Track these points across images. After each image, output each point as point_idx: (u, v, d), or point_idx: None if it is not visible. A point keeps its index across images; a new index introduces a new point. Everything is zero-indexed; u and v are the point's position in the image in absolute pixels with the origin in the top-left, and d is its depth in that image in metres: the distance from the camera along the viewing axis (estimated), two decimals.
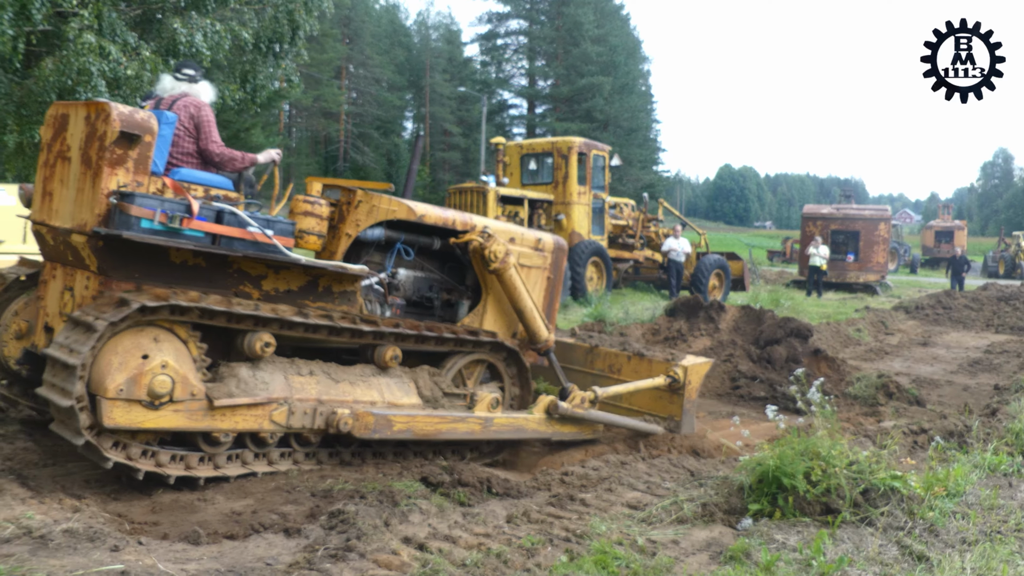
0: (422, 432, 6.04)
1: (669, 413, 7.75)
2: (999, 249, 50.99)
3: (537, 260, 7.56)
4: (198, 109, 6.04)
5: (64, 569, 3.69)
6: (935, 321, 20.10)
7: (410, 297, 7.07)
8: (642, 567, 4.41)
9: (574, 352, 8.62)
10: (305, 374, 5.76)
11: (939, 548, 4.80)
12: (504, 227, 7.36)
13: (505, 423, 6.57)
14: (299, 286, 5.92)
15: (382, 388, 6.10)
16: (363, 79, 72.10)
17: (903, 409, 9.56)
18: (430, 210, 6.83)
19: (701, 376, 7.89)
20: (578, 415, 6.94)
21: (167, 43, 13.90)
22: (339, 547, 4.33)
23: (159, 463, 5.17)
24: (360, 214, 6.41)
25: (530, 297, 7.12)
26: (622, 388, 7.54)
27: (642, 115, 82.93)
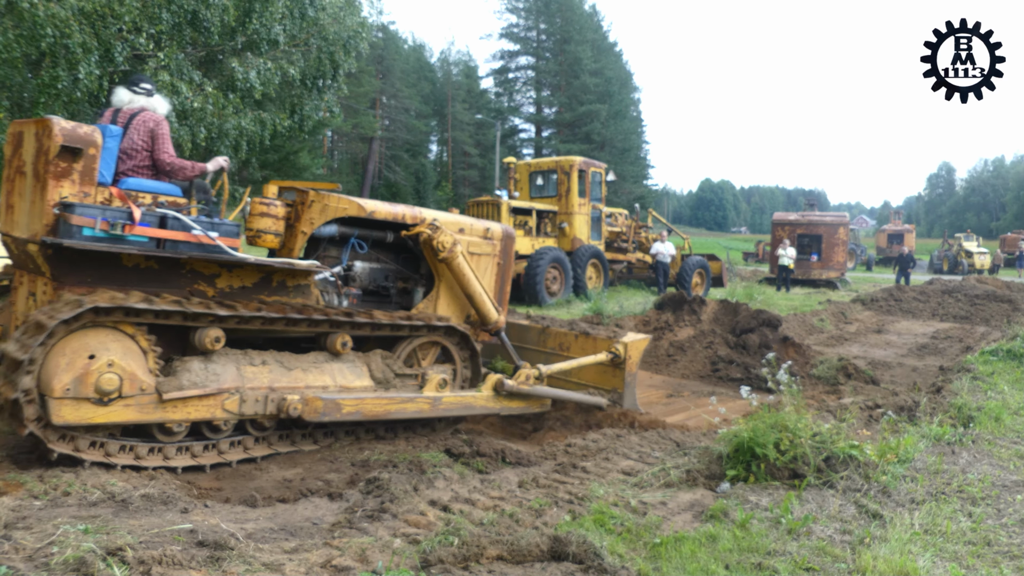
0: (371, 413, 5.73)
1: (613, 386, 7.51)
2: (943, 249, 50.69)
3: (487, 248, 7.17)
4: (156, 124, 5.72)
5: (142, 528, 3.70)
6: (888, 311, 19.98)
7: (366, 287, 6.74)
8: (635, 525, 4.40)
9: (528, 332, 8.38)
10: (258, 364, 5.42)
11: (891, 507, 4.79)
12: (453, 219, 7.06)
13: (454, 401, 6.28)
14: (253, 283, 5.64)
15: (335, 373, 5.77)
16: (394, 109, 72.18)
17: (860, 388, 9.51)
18: (379, 206, 6.48)
19: (640, 351, 7.56)
20: (524, 391, 6.67)
21: (227, 80, 13.95)
22: (375, 509, 4.34)
23: (108, 453, 4.86)
24: (314, 213, 6.11)
25: (479, 282, 6.82)
26: (565, 365, 7.25)
27: (633, 137, 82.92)
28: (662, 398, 9.30)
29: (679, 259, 22.81)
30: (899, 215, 63.38)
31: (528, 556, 3.79)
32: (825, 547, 4.12)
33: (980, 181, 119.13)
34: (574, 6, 78.87)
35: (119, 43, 12.10)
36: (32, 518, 3.68)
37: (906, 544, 4.18)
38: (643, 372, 10.97)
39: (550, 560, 3.78)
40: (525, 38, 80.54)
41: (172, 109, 12.49)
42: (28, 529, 3.50)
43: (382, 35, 66.44)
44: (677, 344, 11.75)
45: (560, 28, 77.76)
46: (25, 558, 3.18)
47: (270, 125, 14.92)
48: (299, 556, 3.63)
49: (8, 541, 3.31)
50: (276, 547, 3.74)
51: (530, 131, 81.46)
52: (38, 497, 4.11)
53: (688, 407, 8.60)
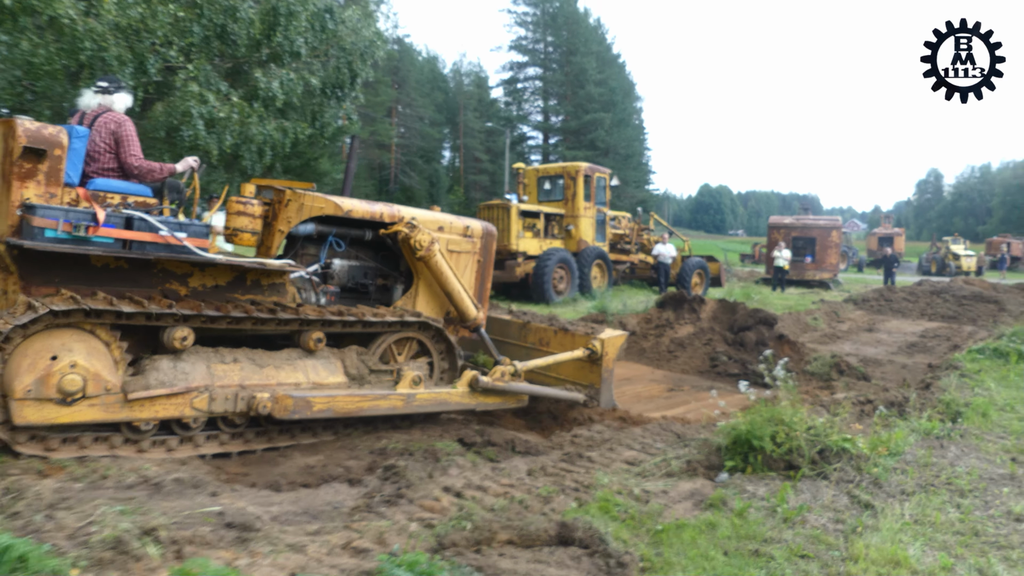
0: (343, 410, 5.44)
1: (590, 382, 7.18)
2: (931, 252, 50.42)
3: (466, 246, 6.95)
4: (118, 125, 5.36)
5: (174, 510, 3.73)
6: (878, 311, 19.90)
7: (345, 284, 6.49)
8: (638, 512, 4.40)
9: (510, 328, 8.05)
10: (229, 362, 5.19)
11: (882, 498, 4.78)
12: (433, 217, 6.81)
13: (428, 398, 5.97)
14: (227, 281, 5.44)
15: (308, 370, 5.53)
16: (409, 117, 72.26)
17: (852, 384, 9.47)
18: (356, 205, 6.25)
19: (617, 347, 7.19)
20: (499, 387, 6.35)
21: (251, 90, 13.99)
22: (392, 494, 4.36)
23: (82, 446, 4.69)
24: (291, 212, 5.90)
25: (458, 279, 6.60)
26: (541, 361, 6.96)
27: (636, 144, 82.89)
28: (663, 392, 9.29)
29: (679, 260, 22.76)
30: (889, 219, 63.08)
31: (537, 540, 3.80)
32: (819, 535, 4.12)
33: (967, 187, 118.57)
34: (580, 19, 78.92)
35: (152, 56, 12.15)
36: (73, 499, 3.71)
37: (897, 533, 4.17)
38: (645, 367, 10.99)
39: (558, 544, 3.79)
40: (533, 50, 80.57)
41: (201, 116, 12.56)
42: (69, 509, 3.53)
43: (398, 47, 66.49)
44: (677, 341, 11.74)
45: (566, 40, 77.78)
46: (67, 536, 3.21)
47: (292, 132, 14.95)
48: (321, 538, 3.65)
49: (51, 520, 3.35)
50: (299, 529, 3.76)
51: (538, 138, 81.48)
52: (78, 480, 4.14)
53: (688, 401, 8.59)
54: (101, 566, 3.00)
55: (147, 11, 11.54)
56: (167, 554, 3.18)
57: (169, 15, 11.95)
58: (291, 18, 13.88)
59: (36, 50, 11.20)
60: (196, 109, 12.47)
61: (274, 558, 3.34)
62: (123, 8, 11.28)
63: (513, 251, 18.07)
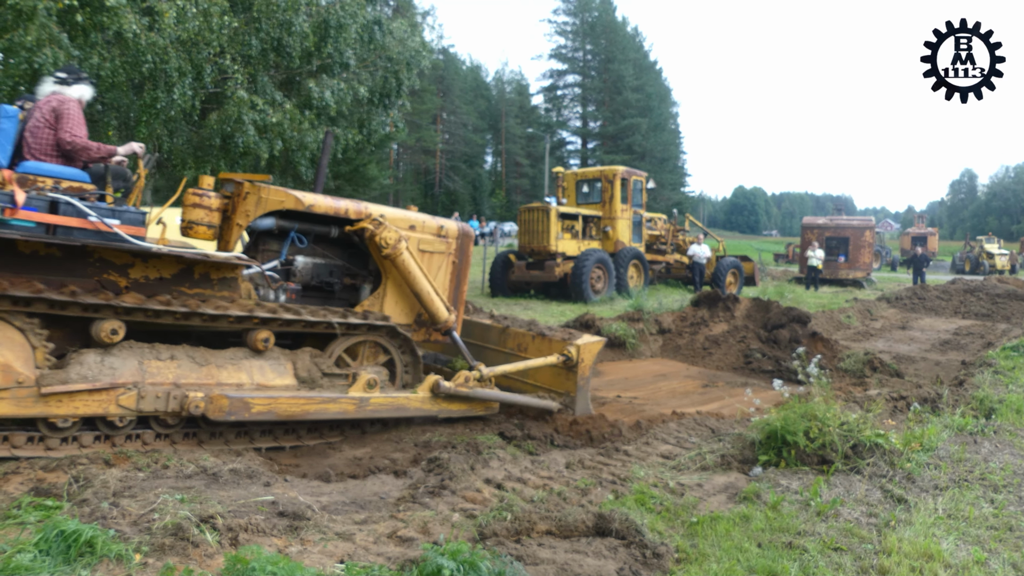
0: (286, 413, 4.96)
1: (566, 389, 6.67)
2: (965, 251, 49.06)
3: (440, 246, 6.42)
4: (61, 103, 4.91)
5: (230, 499, 3.78)
6: (912, 309, 19.41)
7: (308, 282, 5.94)
8: (673, 504, 4.35)
9: (490, 333, 7.53)
10: (165, 359, 4.73)
11: (916, 492, 4.65)
12: (404, 215, 6.27)
13: (384, 403, 5.47)
14: (172, 274, 4.95)
15: (253, 370, 5.05)
16: (453, 124, 72.66)
17: (885, 380, 9.25)
18: (320, 200, 5.73)
19: (593, 354, 6.67)
20: (462, 393, 5.85)
21: (304, 98, 14.18)
22: (436, 485, 4.37)
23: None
24: (249, 205, 5.43)
25: (428, 280, 6.09)
26: (510, 367, 6.42)
27: (672, 147, 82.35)
28: (698, 388, 9.18)
29: (714, 260, 22.49)
30: (923, 219, 61.42)
31: (575, 531, 3.78)
32: (852, 528, 4.03)
33: (1001, 186, 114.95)
34: (617, 28, 78.55)
35: (209, 66, 12.38)
36: (136, 488, 3.79)
37: (930, 527, 4.06)
38: (680, 363, 10.87)
39: (595, 535, 3.76)
40: (572, 58, 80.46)
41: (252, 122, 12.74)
42: (133, 497, 3.60)
43: (443, 57, 66.90)
44: (712, 338, 11.58)
45: (604, 49, 77.51)
46: (131, 523, 3.28)
47: (342, 139, 15.10)
48: (368, 527, 3.67)
49: (116, 508, 3.42)
50: (347, 518, 3.79)
51: (577, 143, 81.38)
52: (141, 469, 4.23)
53: (722, 397, 8.47)
54: (162, 551, 3.05)
55: (204, 24, 11.76)
56: (223, 540, 3.22)
57: (226, 27, 12.15)
58: (341, 30, 14.04)
59: (104, 63, 11.50)
60: (248, 116, 12.67)
61: (324, 546, 3.37)
62: (182, 22, 11.51)
63: (552, 252, 18.02)
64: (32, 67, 10.62)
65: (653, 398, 8.33)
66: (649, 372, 10.17)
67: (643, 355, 11.40)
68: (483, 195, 72.06)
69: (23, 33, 10.49)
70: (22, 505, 3.54)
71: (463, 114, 72.36)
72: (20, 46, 10.47)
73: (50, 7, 10.79)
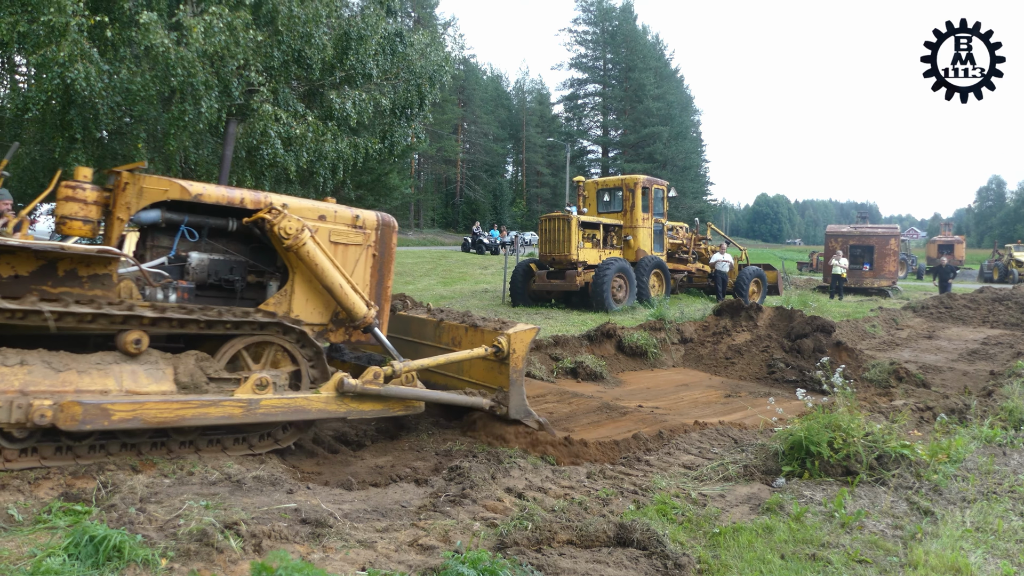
0: (156, 419, 4.43)
1: (499, 384, 6.17)
2: (993, 259, 48.27)
3: (356, 238, 5.91)
4: None
5: (253, 505, 3.82)
6: (938, 318, 19.15)
7: (204, 280, 5.36)
8: (695, 515, 4.33)
9: (426, 327, 7.06)
10: (12, 364, 4.23)
11: (943, 505, 4.59)
12: (312, 204, 5.75)
13: (278, 404, 4.96)
14: (30, 271, 4.49)
15: (123, 376, 4.53)
16: (474, 133, 73.00)
17: (911, 390, 9.14)
18: (209, 189, 5.18)
19: (526, 344, 6.15)
20: (371, 391, 5.35)
21: (326, 110, 14.31)
22: (457, 494, 4.38)
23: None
24: (129, 197, 4.93)
25: (342, 274, 5.58)
26: (428, 361, 5.91)
27: (693, 156, 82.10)
28: (720, 398, 9.12)
29: (736, 269, 22.37)
30: (949, 226, 60.59)
31: (596, 541, 3.77)
32: (877, 541, 3.98)
33: None
34: (638, 37, 78.61)
35: (235, 79, 12.55)
36: (163, 494, 3.85)
37: (958, 540, 4.00)
38: (702, 373, 10.81)
39: (616, 545, 3.75)
40: (593, 67, 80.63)
41: (278, 135, 12.88)
42: (159, 503, 3.65)
43: (463, 67, 67.24)
44: (735, 348, 11.51)
45: (625, 57, 77.60)
46: (157, 528, 3.32)
47: (363, 150, 15.21)
48: (389, 535, 3.69)
49: (143, 513, 3.47)
50: (369, 526, 3.81)
51: (597, 152, 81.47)
52: (167, 476, 4.29)
53: (745, 407, 8.41)
54: (187, 557, 3.09)
55: (231, 38, 11.94)
56: (247, 547, 3.26)
57: (251, 41, 12.33)
58: (361, 42, 14.16)
59: (134, 78, 11.70)
60: (273, 129, 12.82)
61: (346, 553, 3.40)
62: (209, 36, 11.68)
63: (573, 261, 18.02)
64: (64, 82, 10.84)
65: (675, 408, 8.30)
66: (671, 382, 10.13)
67: (665, 365, 11.35)
68: (504, 204, 72.26)
69: (55, 49, 10.72)
70: (52, 510, 3.61)
71: (484, 124, 72.68)
72: (52, 61, 10.68)
73: (82, 23, 11.01)
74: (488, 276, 26.86)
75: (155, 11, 12.00)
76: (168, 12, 12.55)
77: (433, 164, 69.85)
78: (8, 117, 12.87)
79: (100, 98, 11.43)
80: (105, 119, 11.84)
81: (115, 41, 11.72)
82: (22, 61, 13.32)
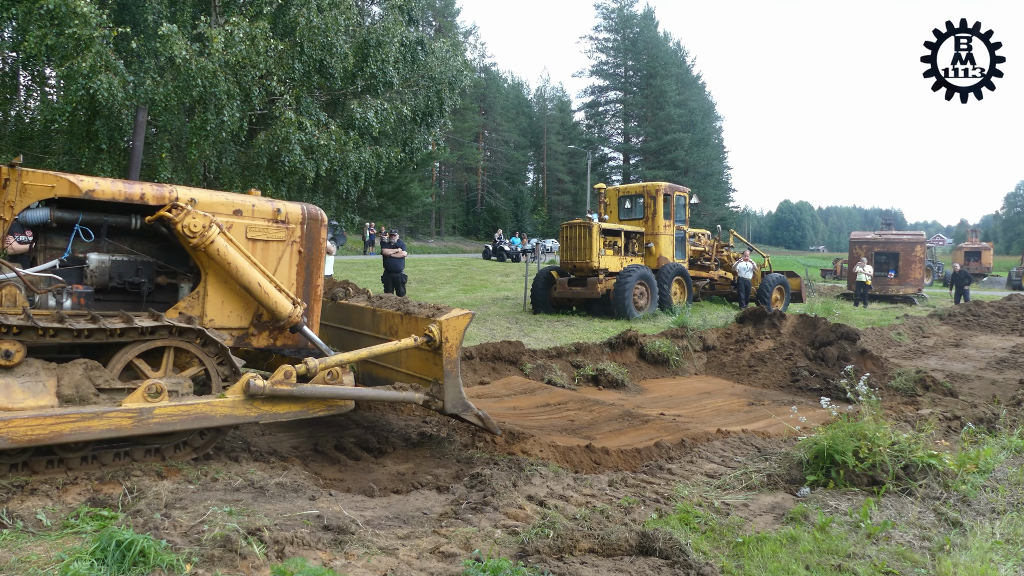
0: (27, 437, 3.95)
1: (435, 376, 5.68)
2: (1022, 266, 47.50)
3: (278, 233, 5.45)
4: None
5: (276, 512, 3.85)
6: (966, 326, 18.87)
7: (106, 284, 4.94)
8: (718, 524, 4.30)
9: (364, 317, 6.59)
10: None
11: (971, 516, 4.52)
12: (226, 198, 5.28)
13: (174, 412, 4.45)
14: None
15: None
16: (495, 141, 73.24)
17: (938, 399, 9.01)
18: (103, 184, 4.72)
19: (460, 332, 5.62)
20: (282, 392, 4.83)
21: (347, 119, 14.44)
22: (478, 502, 4.38)
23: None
24: (10, 194, 4.49)
25: (262, 272, 5.20)
26: (349, 356, 5.32)
27: (715, 162, 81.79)
28: (743, 406, 9.05)
29: (759, 276, 22.22)
30: (976, 233, 59.73)
31: (618, 550, 3.75)
32: (904, 552, 3.93)
33: None
34: (659, 43, 78.56)
35: (256, 89, 12.72)
36: (187, 500, 3.89)
37: (987, 552, 3.94)
38: (725, 381, 10.74)
39: (638, 554, 3.74)
40: (614, 74, 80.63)
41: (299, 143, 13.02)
42: (184, 509, 3.70)
43: (484, 76, 67.58)
44: (758, 356, 11.43)
45: (646, 64, 77.54)
46: (181, 534, 3.36)
47: (385, 158, 15.33)
48: (411, 542, 3.71)
49: (168, 519, 3.51)
50: (391, 533, 3.83)
51: (618, 159, 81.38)
52: (192, 482, 4.33)
53: (769, 415, 8.34)
54: (211, 562, 3.12)
55: (251, 48, 12.11)
56: (270, 553, 3.29)
57: (273, 51, 12.49)
58: (380, 48, 14.29)
59: (157, 88, 11.89)
60: (295, 137, 12.97)
61: (367, 560, 3.41)
62: (230, 47, 11.86)
63: (595, 268, 18.00)
64: (89, 93, 11.04)
65: (697, 416, 8.25)
66: (693, 390, 10.07)
67: (687, 372, 11.29)
68: (525, 212, 72.33)
69: (81, 61, 10.93)
70: (80, 515, 3.66)
71: (505, 131, 72.91)
72: (78, 73, 10.90)
73: (106, 35, 11.23)
74: (509, 283, 26.88)
75: (176, 23, 12.21)
76: (190, 23, 12.76)
77: (454, 172, 70.18)
78: (38, 129, 13.13)
79: (124, 108, 11.64)
80: (129, 129, 12.04)
81: (139, 52, 11.95)
82: (52, 73, 13.59)
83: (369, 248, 42.40)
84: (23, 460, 4.23)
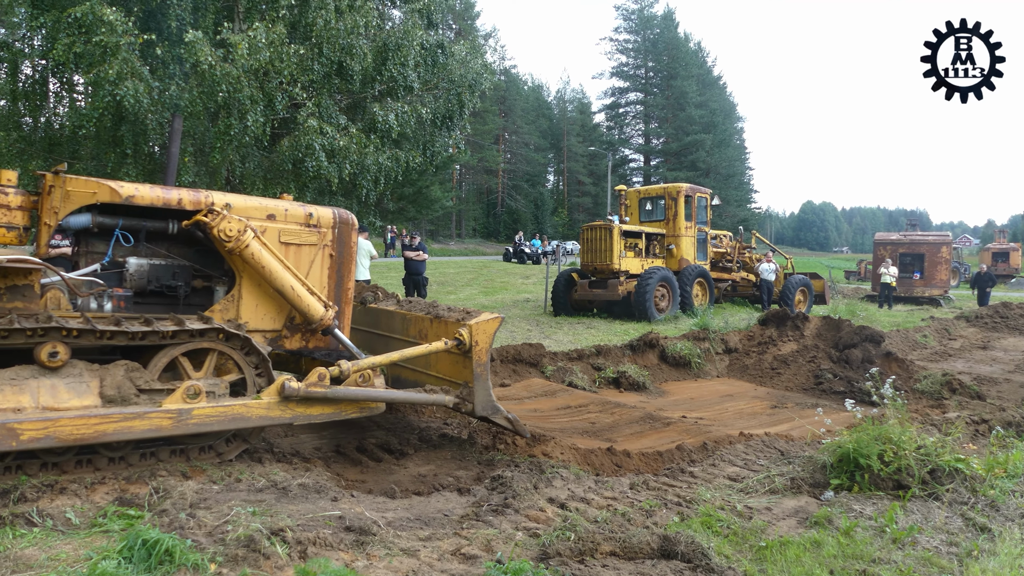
0: (73, 436, 4.06)
1: (464, 379, 5.76)
2: None
3: (310, 237, 5.55)
4: None
5: (299, 512, 3.88)
6: (993, 328, 18.58)
7: (144, 287, 5.06)
8: (741, 528, 4.27)
9: (394, 321, 6.68)
10: None
11: (1000, 521, 4.45)
12: (261, 204, 5.38)
13: (212, 413, 4.57)
14: None
15: (41, 391, 4.16)
16: (515, 143, 73.28)
17: (965, 402, 8.88)
18: (142, 190, 4.84)
19: (490, 335, 5.70)
20: (316, 395, 4.93)
21: (368, 122, 14.51)
22: (499, 504, 4.39)
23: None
24: (55, 200, 4.62)
25: (295, 276, 5.30)
26: (381, 358, 5.42)
27: (737, 163, 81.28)
28: (766, 409, 8.98)
29: (782, 278, 22.05)
30: (1004, 233, 58.80)
31: (639, 553, 3.74)
32: (931, 558, 3.88)
33: None
34: (680, 44, 78.17)
35: (279, 94, 12.82)
36: (211, 500, 3.93)
37: (1016, 559, 3.88)
38: (748, 383, 10.66)
39: (660, 558, 3.72)
40: (634, 76, 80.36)
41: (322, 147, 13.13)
42: (208, 509, 3.74)
43: (504, 78, 67.65)
44: (781, 358, 11.33)
45: (667, 65, 77.20)
46: (206, 533, 3.40)
47: (404, 161, 15.38)
48: (432, 544, 3.72)
49: (193, 519, 3.56)
50: (412, 535, 3.84)
51: (639, 160, 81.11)
52: (216, 482, 4.38)
53: (792, 418, 8.27)
54: (235, 562, 3.15)
55: (274, 54, 12.22)
56: (292, 553, 3.31)
57: (295, 56, 12.59)
58: (399, 50, 14.35)
59: (182, 94, 12.04)
60: (317, 141, 13.06)
61: (389, 561, 3.43)
62: (253, 52, 11.97)
63: (615, 270, 17.95)
64: (115, 99, 11.20)
65: (720, 419, 8.20)
66: (715, 392, 10.01)
67: (709, 375, 11.22)
68: (545, 214, 72.33)
69: (107, 67, 11.09)
70: (107, 514, 3.72)
71: (525, 134, 72.95)
72: (105, 79, 11.06)
73: (132, 42, 11.39)
74: (530, 286, 26.89)
75: (200, 29, 12.34)
76: (213, 30, 12.90)
77: (475, 174, 70.31)
78: (66, 135, 13.34)
79: (150, 113, 11.79)
80: (154, 134, 12.19)
81: (164, 59, 12.09)
82: (80, 80, 13.79)
83: (390, 251, 42.67)
84: (53, 460, 4.29)
